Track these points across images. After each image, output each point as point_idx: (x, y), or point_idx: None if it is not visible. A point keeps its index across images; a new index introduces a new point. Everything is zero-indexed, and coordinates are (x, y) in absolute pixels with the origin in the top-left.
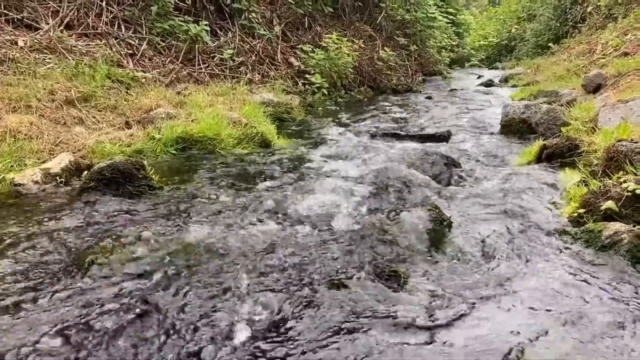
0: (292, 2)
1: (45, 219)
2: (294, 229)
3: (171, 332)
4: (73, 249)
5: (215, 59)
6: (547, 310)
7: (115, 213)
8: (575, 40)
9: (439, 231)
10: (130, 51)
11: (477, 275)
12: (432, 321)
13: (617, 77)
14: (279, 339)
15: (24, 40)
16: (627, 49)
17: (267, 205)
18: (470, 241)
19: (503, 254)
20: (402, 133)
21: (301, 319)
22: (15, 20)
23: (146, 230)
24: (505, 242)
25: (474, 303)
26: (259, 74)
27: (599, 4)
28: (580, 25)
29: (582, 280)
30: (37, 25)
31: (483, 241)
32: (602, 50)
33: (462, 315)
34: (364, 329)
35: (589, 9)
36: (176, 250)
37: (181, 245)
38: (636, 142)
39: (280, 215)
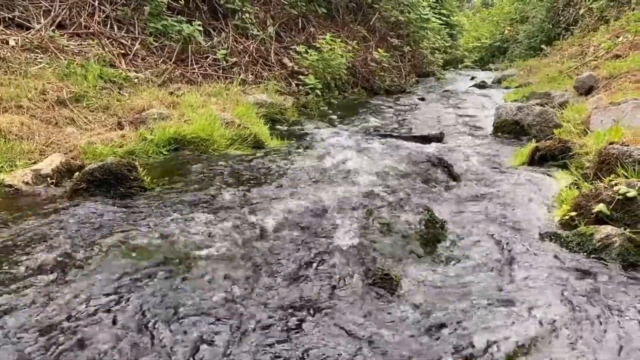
0: (286, 2)
1: (35, 221)
2: (285, 231)
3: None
4: (62, 251)
5: (208, 59)
6: (542, 312)
7: (106, 214)
8: (568, 42)
9: (432, 233)
10: (122, 51)
11: (469, 279)
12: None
13: (609, 79)
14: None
15: (15, 40)
16: (619, 51)
17: (258, 206)
18: (462, 244)
19: (494, 258)
20: (395, 134)
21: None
22: (7, 19)
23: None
24: (496, 245)
25: (467, 304)
26: (252, 74)
27: (591, 6)
28: (572, 27)
29: (574, 284)
30: (29, 25)
31: (475, 243)
32: (594, 53)
33: (456, 317)
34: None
35: (581, 12)
36: (167, 251)
37: (171, 246)
38: (628, 145)
39: (271, 217)
